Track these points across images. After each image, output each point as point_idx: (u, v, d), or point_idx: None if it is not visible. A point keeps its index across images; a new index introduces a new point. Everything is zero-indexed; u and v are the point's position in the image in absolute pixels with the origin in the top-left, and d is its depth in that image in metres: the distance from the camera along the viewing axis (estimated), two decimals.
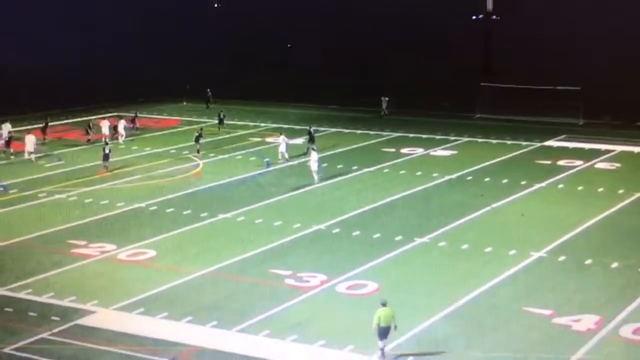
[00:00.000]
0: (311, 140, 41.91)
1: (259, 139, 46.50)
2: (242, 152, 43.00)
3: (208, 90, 56.84)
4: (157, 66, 64.54)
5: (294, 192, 34.50)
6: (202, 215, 30.84)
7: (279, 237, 28.17)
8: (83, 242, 27.52)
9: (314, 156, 36.03)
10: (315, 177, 35.63)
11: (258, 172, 38.37)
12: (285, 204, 32.89)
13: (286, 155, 40.00)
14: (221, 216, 30.79)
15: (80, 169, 38.66)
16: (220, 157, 41.83)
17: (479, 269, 25.10)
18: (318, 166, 35.77)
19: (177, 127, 50.42)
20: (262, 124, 50.99)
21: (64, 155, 41.95)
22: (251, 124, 51.34)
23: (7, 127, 43.69)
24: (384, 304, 19.23)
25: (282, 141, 40.39)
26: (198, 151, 41.64)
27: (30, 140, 40.53)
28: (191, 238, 28.42)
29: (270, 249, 26.99)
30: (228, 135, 46.94)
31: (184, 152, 42.36)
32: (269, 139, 46.47)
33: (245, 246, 27.12)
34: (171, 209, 31.71)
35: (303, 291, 23.21)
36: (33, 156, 40.41)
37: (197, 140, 41.93)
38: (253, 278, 24.37)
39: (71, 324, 21.08)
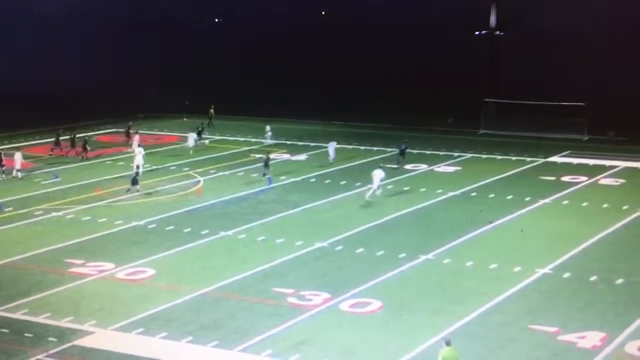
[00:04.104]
0: (402, 154, 42.49)
1: (261, 155, 46.13)
2: (244, 168, 42.67)
3: (212, 107, 56.34)
4: (157, 82, 64.26)
5: (297, 209, 34.12)
6: (202, 232, 30.43)
7: (281, 254, 27.74)
8: (80, 261, 27.05)
9: (380, 174, 34.94)
10: (371, 192, 34.63)
11: (260, 188, 38.00)
12: (288, 221, 32.49)
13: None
14: (222, 234, 30.38)
15: (78, 187, 38.27)
16: (221, 173, 41.47)
17: (484, 286, 24.69)
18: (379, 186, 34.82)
19: (177, 144, 50.10)
20: (265, 140, 50.66)
21: (61, 172, 41.51)
22: (253, 139, 51.04)
23: None
24: (448, 343, 17.99)
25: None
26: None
27: (18, 158, 40.26)
28: (191, 256, 27.98)
29: (272, 267, 26.56)
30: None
31: (184, 169, 41.99)
32: (271, 155, 46.15)
33: (246, 264, 26.68)
34: (171, 227, 31.31)
35: (306, 310, 22.78)
36: (20, 174, 40.05)
37: (134, 183, 36.85)
38: (255, 297, 23.92)
39: (68, 344, 20.60)
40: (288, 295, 23.84)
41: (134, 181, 36.31)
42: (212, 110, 55.85)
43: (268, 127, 50.60)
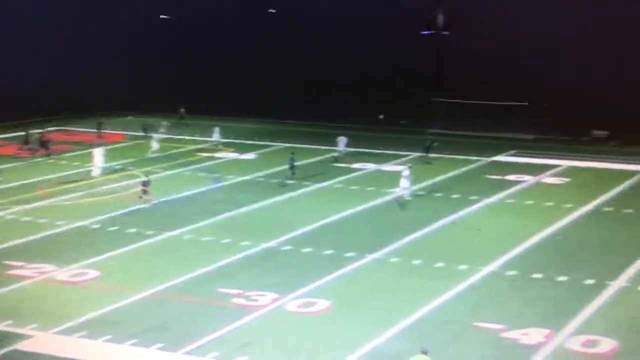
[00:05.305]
0: (428, 150, 43.68)
1: (208, 154, 45.85)
2: (191, 167, 42.26)
3: (182, 107, 56.04)
4: (102, 79, 62.98)
5: (244, 209, 33.88)
6: (147, 233, 30.00)
7: (227, 255, 27.49)
8: (20, 263, 26.36)
9: (407, 173, 34.81)
10: (400, 193, 34.60)
11: (207, 187, 37.65)
12: (235, 220, 32.24)
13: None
14: (168, 234, 30.00)
15: (19, 186, 37.39)
16: (168, 172, 40.97)
17: (430, 285, 24.82)
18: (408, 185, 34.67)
19: (122, 142, 49.40)
20: (211, 139, 50.28)
21: (2, 171, 40.37)
22: (200, 138, 50.63)
23: None
24: (424, 352, 17.73)
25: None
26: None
27: None
28: (136, 257, 27.55)
29: (218, 268, 26.29)
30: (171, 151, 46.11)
31: (129, 168, 41.38)
32: (218, 154, 45.91)
33: (192, 265, 26.35)
34: (115, 227, 30.81)
35: (253, 310, 22.58)
36: None
37: (145, 188, 34.22)
38: (200, 298, 23.65)
39: (8, 349, 20.03)
40: (234, 296, 23.62)
41: (144, 190, 34.06)
42: (182, 110, 55.76)
43: (164, 123, 51.17)
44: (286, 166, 39.23)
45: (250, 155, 45.76)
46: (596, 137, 52.07)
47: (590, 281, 25.02)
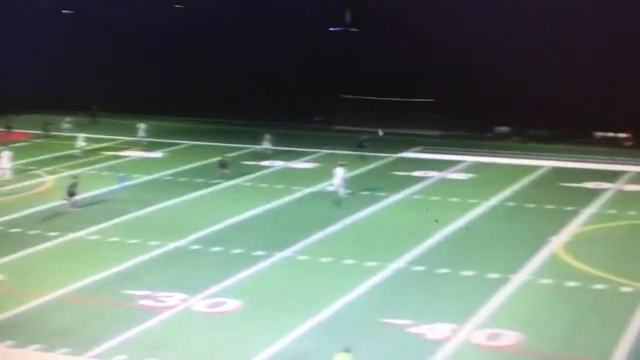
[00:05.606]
0: (361, 146, 44.12)
1: (112, 153, 44.92)
2: (95, 167, 41.29)
3: (94, 105, 54.80)
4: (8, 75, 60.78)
5: (151, 208, 33.36)
6: (50, 234, 29.17)
7: (134, 255, 27.01)
8: None
9: (340, 172, 34.59)
10: (333, 190, 34.59)
11: (112, 187, 36.87)
12: (142, 220, 31.72)
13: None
14: (72, 235, 29.24)
15: None
16: (71, 172, 39.85)
17: (339, 282, 25.02)
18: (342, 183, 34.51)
19: (24, 141, 47.87)
20: (117, 137, 49.25)
21: None
22: (105, 137, 49.54)
23: None
24: (347, 350, 17.92)
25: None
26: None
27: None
28: (39, 260, 26.76)
29: (125, 269, 25.80)
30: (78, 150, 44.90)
31: (31, 168, 40.13)
32: (123, 153, 45.04)
33: (98, 267, 25.75)
34: (17, 229, 29.84)
35: (160, 312, 22.27)
36: None
37: (71, 195, 32.78)
38: (107, 300, 23.17)
39: None
40: (142, 297, 23.23)
41: (71, 193, 32.47)
42: (95, 107, 54.48)
43: (68, 120, 50.37)
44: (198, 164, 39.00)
45: (157, 154, 45.08)
46: (499, 133, 53.64)
47: (494, 275, 25.70)
